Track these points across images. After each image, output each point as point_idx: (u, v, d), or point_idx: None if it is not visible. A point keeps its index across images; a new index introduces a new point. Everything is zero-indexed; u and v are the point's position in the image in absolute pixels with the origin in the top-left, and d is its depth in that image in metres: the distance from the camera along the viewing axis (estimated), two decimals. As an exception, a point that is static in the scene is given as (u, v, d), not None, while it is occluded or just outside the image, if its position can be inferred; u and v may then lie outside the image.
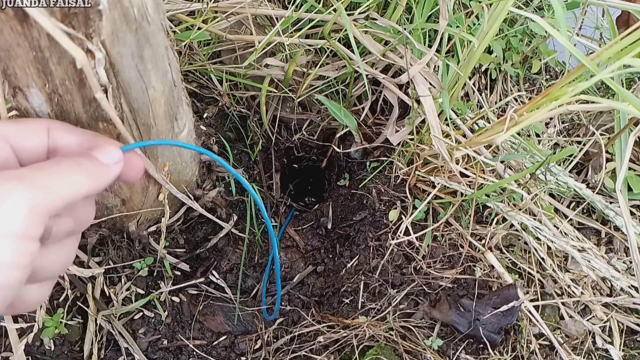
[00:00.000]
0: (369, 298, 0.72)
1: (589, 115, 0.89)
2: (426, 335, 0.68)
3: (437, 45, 0.67)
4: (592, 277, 0.72)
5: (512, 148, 0.79)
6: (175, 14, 0.74)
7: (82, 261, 0.67)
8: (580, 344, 0.70)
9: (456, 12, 0.79)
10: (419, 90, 0.69)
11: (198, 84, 0.81)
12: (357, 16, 0.74)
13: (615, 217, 0.76)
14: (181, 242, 0.73)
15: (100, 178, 0.36)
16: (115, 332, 0.68)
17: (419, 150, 0.72)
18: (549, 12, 0.83)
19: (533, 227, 0.71)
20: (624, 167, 0.58)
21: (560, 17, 0.53)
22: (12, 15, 0.33)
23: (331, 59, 0.81)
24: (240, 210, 0.79)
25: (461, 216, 0.74)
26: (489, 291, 0.70)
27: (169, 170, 0.56)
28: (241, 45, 0.79)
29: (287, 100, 0.85)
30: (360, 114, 0.83)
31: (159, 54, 0.44)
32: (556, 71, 0.96)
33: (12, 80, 0.39)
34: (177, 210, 0.68)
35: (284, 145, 0.92)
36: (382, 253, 0.74)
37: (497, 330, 0.66)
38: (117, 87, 0.41)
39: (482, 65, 0.88)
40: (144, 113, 0.47)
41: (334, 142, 0.88)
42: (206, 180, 0.71)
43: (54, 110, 0.42)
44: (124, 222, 0.62)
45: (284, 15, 0.72)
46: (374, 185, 0.79)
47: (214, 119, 0.79)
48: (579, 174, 0.84)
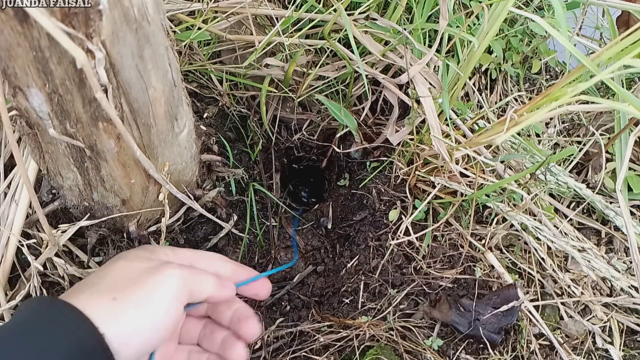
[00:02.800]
0: (369, 298, 0.72)
1: (589, 116, 0.89)
2: (426, 335, 0.68)
3: (437, 45, 0.67)
4: (592, 277, 0.72)
5: (512, 148, 0.79)
6: (175, 14, 0.74)
7: (82, 261, 0.68)
8: (580, 344, 0.70)
9: (456, 12, 0.79)
10: (418, 90, 0.69)
11: (198, 84, 0.81)
12: (357, 16, 0.74)
13: (615, 217, 0.76)
14: (181, 242, 0.73)
15: (223, 293, 0.51)
16: (115, 332, 0.68)
17: (419, 150, 0.72)
18: (549, 12, 0.83)
19: (533, 227, 0.71)
20: (624, 167, 0.58)
21: (560, 17, 0.53)
22: (12, 15, 0.33)
23: (331, 59, 0.81)
24: (240, 210, 0.79)
25: (461, 216, 0.74)
26: (489, 291, 0.70)
27: (169, 170, 0.56)
28: (241, 45, 0.79)
29: (287, 100, 0.85)
30: (360, 114, 0.83)
31: (159, 53, 0.44)
32: (556, 71, 0.96)
33: (12, 80, 0.39)
34: (177, 210, 0.68)
35: (284, 145, 0.92)
36: (382, 253, 0.74)
37: (497, 330, 0.66)
38: (117, 87, 0.41)
39: (482, 65, 0.88)
40: (144, 113, 0.47)
41: (334, 142, 0.88)
42: (206, 180, 0.71)
43: (54, 110, 0.42)
44: (124, 222, 0.62)
45: (284, 15, 0.72)
46: (374, 185, 0.79)
47: (214, 118, 0.79)
48: (579, 174, 0.84)
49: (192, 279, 0.48)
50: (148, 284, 0.45)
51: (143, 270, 0.46)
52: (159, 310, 0.44)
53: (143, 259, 0.49)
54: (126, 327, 0.42)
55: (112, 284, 0.45)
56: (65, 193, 0.58)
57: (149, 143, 0.51)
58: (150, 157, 0.52)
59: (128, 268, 0.47)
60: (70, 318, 0.40)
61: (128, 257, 0.49)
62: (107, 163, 0.50)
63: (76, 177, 0.54)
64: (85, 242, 0.66)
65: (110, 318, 0.41)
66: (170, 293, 0.45)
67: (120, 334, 0.41)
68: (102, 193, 0.55)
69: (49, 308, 0.41)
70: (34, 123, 0.46)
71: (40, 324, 0.39)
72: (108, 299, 0.43)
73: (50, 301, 0.43)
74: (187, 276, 0.47)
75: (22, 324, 0.40)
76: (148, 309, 0.44)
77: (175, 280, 0.46)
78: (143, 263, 0.48)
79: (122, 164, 0.51)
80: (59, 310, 0.41)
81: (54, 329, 0.39)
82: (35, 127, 0.48)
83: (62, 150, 0.49)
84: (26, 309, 0.42)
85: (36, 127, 0.48)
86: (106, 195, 0.56)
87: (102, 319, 0.41)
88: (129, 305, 0.43)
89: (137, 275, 0.46)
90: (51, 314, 0.41)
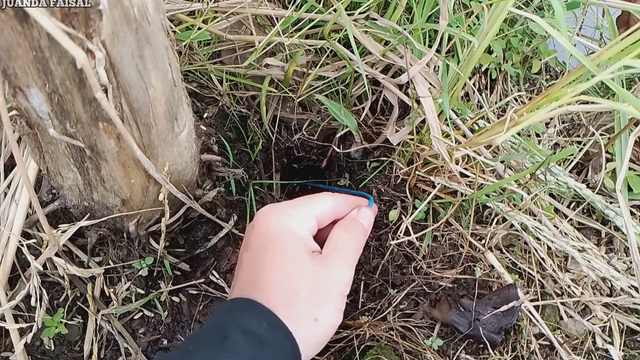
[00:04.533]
0: (369, 298, 0.72)
1: (589, 116, 0.89)
2: (426, 335, 0.68)
3: (437, 45, 0.67)
4: (592, 277, 0.72)
5: (512, 148, 0.79)
6: (176, 14, 0.74)
7: (82, 261, 0.68)
8: (580, 344, 0.70)
9: (456, 12, 0.79)
10: (418, 90, 0.69)
11: (198, 83, 0.81)
12: (357, 16, 0.74)
13: (615, 217, 0.76)
14: (181, 242, 0.73)
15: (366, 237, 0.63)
16: (115, 332, 0.68)
17: (419, 150, 0.72)
18: (549, 12, 0.83)
19: (533, 227, 0.71)
20: (624, 167, 0.58)
21: (561, 17, 0.53)
22: (12, 15, 0.33)
23: (331, 59, 0.81)
24: (240, 210, 0.79)
25: (461, 216, 0.74)
26: (489, 291, 0.70)
27: (169, 170, 0.56)
28: (241, 45, 0.79)
29: (287, 100, 0.85)
30: (360, 114, 0.83)
31: (159, 53, 0.44)
32: (556, 71, 0.96)
33: (12, 80, 0.39)
34: (177, 210, 0.68)
35: (284, 145, 0.92)
36: (382, 253, 0.74)
37: (497, 330, 0.66)
38: (117, 87, 0.41)
39: (482, 65, 0.88)
40: (144, 113, 0.47)
41: (334, 142, 0.88)
42: (206, 180, 0.71)
43: (54, 110, 0.42)
44: (124, 222, 0.62)
45: (284, 15, 0.72)
46: (374, 185, 0.79)
47: (214, 118, 0.79)
48: (579, 174, 0.84)
49: (354, 256, 0.57)
50: (325, 288, 0.52)
51: (320, 274, 0.53)
52: (337, 316, 0.53)
53: (295, 241, 0.54)
54: (315, 345, 0.51)
55: (305, 298, 0.51)
56: (65, 193, 0.58)
57: (149, 143, 0.51)
58: (150, 157, 0.52)
59: (297, 261, 0.52)
60: (283, 342, 0.47)
61: (284, 239, 0.54)
62: (107, 163, 0.50)
63: (76, 177, 0.54)
64: (85, 242, 0.66)
65: (308, 340, 0.49)
66: (343, 292, 0.54)
67: (309, 354, 0.50)
68: (102, 193, 0.55)
69: (271, 329, 0.47)
70: (34, 123, 0.46)
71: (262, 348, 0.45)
72: (310, 320, 0.50)
73: (266, 314, 0.49)
74: (350, 258, 0.56)
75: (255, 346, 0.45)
76: (331, 323, 0.52)
77: (345, 273, 0.54)
78: (306, 254, 0.54)
79: (122, 164, 0.51)
80: (275, 326, 0.48)
81: (274, 352, 0.46)
82: (35, 127, 0.48)
83: (62, 150, 0.50)
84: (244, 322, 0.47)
85: (36, 127, 0.48)
86: (106, 195, 0.56)
87: (302, 340, 0.48)
88: (321, 325, 0.51)
89: (318, 277, 0.52)
90: (268, 333, 0.47)
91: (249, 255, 0.54)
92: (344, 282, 0.54)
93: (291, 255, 0.53)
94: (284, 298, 0.50)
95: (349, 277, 0.55)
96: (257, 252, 0.53)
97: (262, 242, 0.54)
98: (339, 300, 0.53)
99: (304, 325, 0.49)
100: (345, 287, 0.54)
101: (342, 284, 0.54)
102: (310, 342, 0.49)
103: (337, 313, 0.52)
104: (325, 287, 0.52)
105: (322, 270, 0.53)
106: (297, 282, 0.51)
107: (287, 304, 0.49)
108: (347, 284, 0.54)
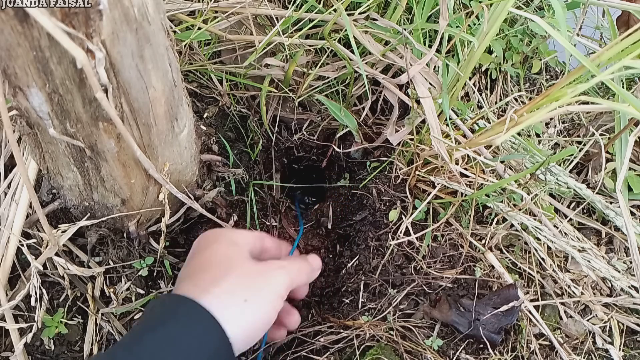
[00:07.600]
0: (369, 298, 0.72)
1: (589, 116, 0.89)
2: (426, 335, 0.68)
3: (437, 45, 0.67)
4: (592, 277, 0.72)
5: (512, 148, 0.79)
6: (176, 14, 0.74)
7: (82, 261, 0.68)
8: (580, 344, 0.70)
9: (456, 12, 0.79)
10: (418, 90, 0.69)
11: (198, 83, 0.81)
12: (357, 16, 0.74)
13: (616, 217, 0.76)
14: (181, 242, 0.73)
15: (312, 276, 0.62)
16: (115, 331, 0.68)
17: (419, 150, 0.72)
18: (549, 12, 0.83)
19: (533, 227, 0.71)
20: (624, 167, 0.58)
21: (561, 18, 0.53)
22: (12, 15, 0.33)
23: (331, 59, 0.81)
24: (240, 210, 0.79)
25: (461, 216, 0.74)
26: (489, 291, 0.69)
27: (169, 170, 0.56)
28: (241, 45, 0.79)
29: (287, 100, 0.85)
30: (360, 114, 0.83)
31: (159, 53, 0.44)
32: (556, 71, 0.96)
33: (12, 80, 0.40)
34: (177, 210, 0.68)
35: (284, 145, 0.92)
36: (382, 253, 0.74)
37: (497, 330, 0.66)
38: (118, 86, 0.41)
39: (482, 65, 0.88)
40: (144, 113, 0.47)
41: (334, 142, 0.88)
42: (206, 180, 0.71)
43: (54, 109, 0.42)
44: (124, 222, 0.62)
45: (284, 15, 0.72)
46: (374, 185, 0.79)
47: (214, 118, 0.79)
48: (579, 174, 0.84)
49: (295, 273, 0.56)
50: (260, 282, 0.52)
51: (256, 270, 0.53)
52: (270, 308, 0.51)
53: (231, 244, 0.56)
54: (245, 330, 0.49)
55: (234, 281, 0.50)
56: (65, 193, 0.58)
57: (149, 143, 0.51)
58: (150, 157, 0.52)
59: (232, 256, 0.54)
60: (208, 325, 0.46)
61: (220, 241, 0.56)
62: (107, 163, 0.50)
63: (76, 177, 0.54)
64: (85, 242, 0.66)
65: (236, 322, 0.48)
66: (279, 292, 0.53)
67: (240, 338, 0.48)
68: (102, 193, 0.56)
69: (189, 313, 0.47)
70: (34, 123, 0.46)
71: (184, 330, 0.45)
72: (239, 300, 0.49)
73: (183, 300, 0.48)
74: (292, 271, 0.55)
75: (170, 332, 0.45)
76: (263, 312, 0.51)
77: (283, 278, 0.54)
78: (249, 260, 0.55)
79: (122, 164, 0.51)
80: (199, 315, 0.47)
81: (196, 335, 0.45)
82: (36, 127, 0.48)
83: (62, 150, 0.50)
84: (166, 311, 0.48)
85: (36, 127, 0.48)
86: (106, 195, 0.56)
87: (231, 324, 0.47)
88: (251, 309, 0.49)
89: (253, 273, 0.52)
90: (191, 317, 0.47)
91: (188, 260, 0.57)
92: (281, 283, 0.53)
93: (226, 252, 0.54)
94: (211, 280, 0.50)
95: (287, 284, 0.53)
96: (194, 253, 0.57)
97: (202, 246, 0.57)
98: (274, 296, 0.52)
99: (232, 305, 0.48)
100: (282, 288, 0.53)
101: (279, 284, 0.53)
102: (240, 322, 0.48)
103: (269, 304, 0.51)
104: (261, 281, 0.52)
105: (259, 268, 0.53)
106: (229, 269, 0.51)
107: (213, 283, 0.49)
108: (284, 286, 0.53)
